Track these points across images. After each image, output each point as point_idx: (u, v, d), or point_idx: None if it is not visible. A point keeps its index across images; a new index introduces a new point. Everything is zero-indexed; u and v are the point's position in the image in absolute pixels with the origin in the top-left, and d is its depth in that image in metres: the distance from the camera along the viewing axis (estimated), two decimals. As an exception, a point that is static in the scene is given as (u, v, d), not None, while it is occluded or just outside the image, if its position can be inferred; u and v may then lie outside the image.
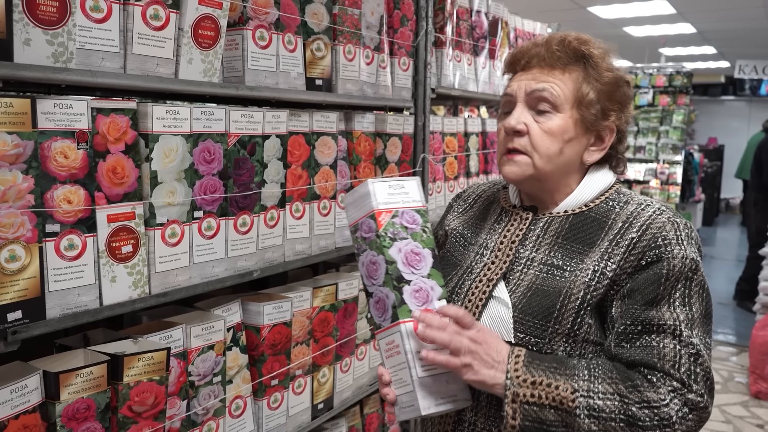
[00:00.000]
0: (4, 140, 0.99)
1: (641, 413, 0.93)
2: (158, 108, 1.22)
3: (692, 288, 1.00)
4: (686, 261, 1.00)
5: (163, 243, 1.26)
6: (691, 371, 0.95)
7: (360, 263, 1.08)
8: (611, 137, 1.10)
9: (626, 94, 1.10)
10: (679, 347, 0.96)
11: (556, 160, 1.08)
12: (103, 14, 1.13)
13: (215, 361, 1.43)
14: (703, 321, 1.00)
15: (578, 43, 1.08)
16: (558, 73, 1.08)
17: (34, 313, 1.05)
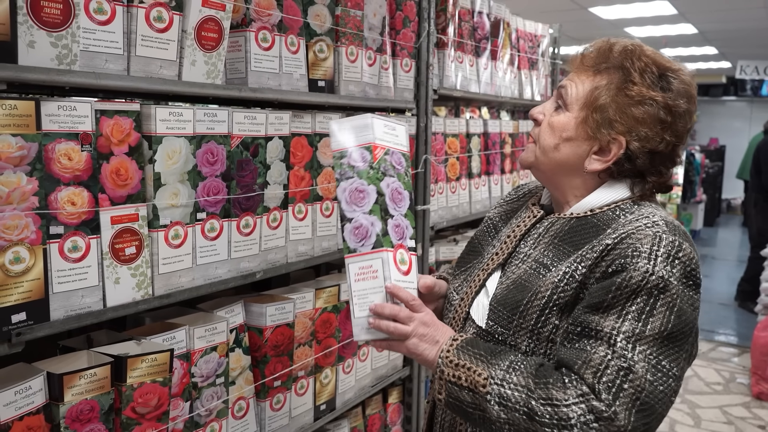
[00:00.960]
0: (8, 142, 0.99)
1: (542, 409, 0.94)
2: (161, 110, 1.22)
3: (655, 306, 0.94)
4: (650, 277, 0.95)
5: (167, 244, 1.27)
6: (613, 384, 0.92)
7: (341, 188, 1.11)
8: (617, 152, 1.05)
9: (650, 114, 1.02)
10: (610, 357, 0.93)
11: (551, 153, 1.10)
12: (107, 16, 1.13)
13: (218, 362, 1.43)
14: (659, 342, 0.93)
15: (621, 51, 1.05)
16: (588, 75, 1.08)
17: (38, 315, 1.05)
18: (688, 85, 1.05)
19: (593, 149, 1.07)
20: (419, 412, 2.26)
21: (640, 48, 1.06)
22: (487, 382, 0.98)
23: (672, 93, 1.03)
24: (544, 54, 3.26)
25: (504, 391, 0.97)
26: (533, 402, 0.95)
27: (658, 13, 6.55)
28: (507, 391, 0.97)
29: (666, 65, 1.06)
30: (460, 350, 1.04)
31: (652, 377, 0.92)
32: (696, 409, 3.62)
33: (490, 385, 0.98)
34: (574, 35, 7.57)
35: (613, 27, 7.40)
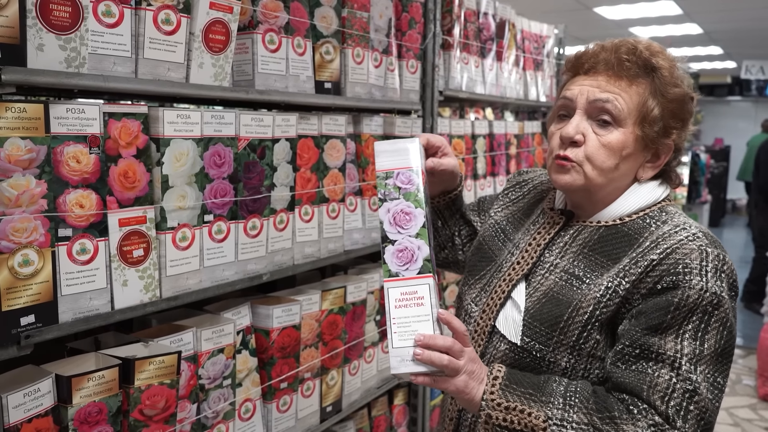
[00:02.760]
0: (17, 145, 1.00)
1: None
2: (169, 112, 1.22)
3: (710, 323, 0.94)
4: (705, 294, 0.94)
5: (174, 247, 1.27)
6: (681, 407, 0.91)
7: (384, 209, 1.08)
8: (668, 155, 1.05)
9: (690, 111, 1.04)
10: (675, 380, 0.92)
11: (610, 174, 1.04)
12: (115, 19, 1.13)
13: (225, 364, 1.43)
14: (715, 359, 0.93)
15: (649, 53, 1.02)
16: (624, 84, 1.02)
17: (46, 318, 1.06)
18: (685, 69, 1.07)
19: (646, 159, 1.06)
20: (425, 413, 2.25)
21: (650, 45, 1.04)
22: (546, 425, 0.94)
23: (684, 81, 1.04)
24: (549, 54, 3.25)
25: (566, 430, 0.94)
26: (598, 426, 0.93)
27: (663, 13, 6.54)
28: (569, 428, 0.94)
29: (672, 56, 1.05)
30: (506, 390, 0.98)
31: (711, 396, 0.93)
32: (702, 410, 3.62)
33: (551, 427, 0.94)
34: (578, 35, 7.55)
35: (617, 27, 7.38)
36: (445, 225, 1.38)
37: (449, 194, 1.34)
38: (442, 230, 1.39)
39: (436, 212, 1.36)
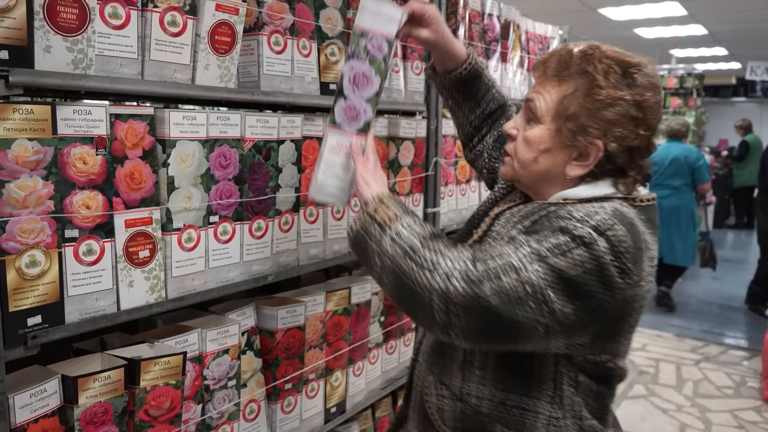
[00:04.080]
0: (25, 147, 1.00)
1: (423, 251, 1.00)
2: (175, 114, 1.23)
3: (572, 252, 0.94)
4: (578, 225, 0.95)
5: (180, 248, 1.27)
6: (495, 269, 0.95)
7: (348, 66, 1.19)
8: (596, 155, 1.05)
9: (622, 114, 1.02)
10: (508, 254, 0.97)
11: (531, 167, 1.11)
12: (122, 20, 1.14)
13: (230, 365, 1.43)
14: (557, 277, 0.93)
15: (581, 57, 1.06)
16: (552, 85, 1.08)
17: (53, 318, 1.06)
18: (651, 76, 1.06)
19: (572, 156, 1.07)
20: (429, 414, 2.25)
21: (599, 49, 1.06)
22: (393, 221, 1.06)
23: (639, 88, 1.04)
24: (554, 56, 3.24)
25: (402, 230, 1.05)
26: (419, 243, 1.02)
27: (668, 14, 6.53)
28: (404, 231, 1.04)
29: (628, 62, 1.06)
30: (397, 200, 1.12)
31: (531, 292, 0.93)
32: (707, 413, 3.60)
33: (395, 222, 1.06)
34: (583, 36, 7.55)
35: (622, 28, 7.37)
36: (458, 108, 1.46)
37: (451, 73, 1.38)
38: (456, 111, 1.48)
39: (443, 89, 1.44)
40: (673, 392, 3.89)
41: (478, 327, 0.95)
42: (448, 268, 0.97)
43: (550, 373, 1.05)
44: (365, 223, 1.09)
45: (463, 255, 0.99)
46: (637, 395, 3.83)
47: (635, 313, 1.03)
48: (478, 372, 1.09)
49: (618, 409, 3.61)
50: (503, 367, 1.08)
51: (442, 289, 0.95)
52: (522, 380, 1.07)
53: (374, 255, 1.06)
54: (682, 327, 5.22)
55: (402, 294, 1.01)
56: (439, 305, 0.96)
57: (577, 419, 1.06)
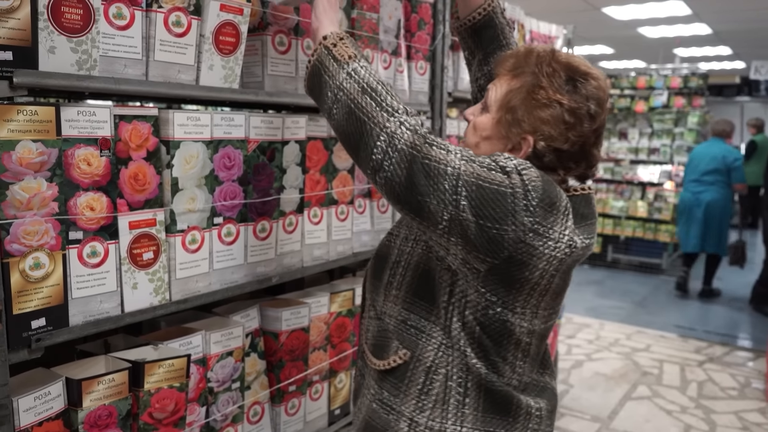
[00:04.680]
0: (29, 148, 0.99)
1: (381, 90, 1.05)
2: (179, 114, 1.22)
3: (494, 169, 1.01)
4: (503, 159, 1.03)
5: (184, 249, 1.26)
6: (433, 136, 1.03)
7: None
8: (526, 149, 1.10)
9: (554, 116, 1.08)
10: (452, 144, 1.03)
11: (474, 151, 1.15)
12: (126, 21, 1.13)
13: (234, 367, 1.42)
14: (473, 175, 0.99)
15: (535, 58, 1.12)
16: (507, 79, 1.14)
17: (57, 321, 1.05)
18: (597, 89, 1.10)
19: (507, 147, 1.13)
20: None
21: (553, 54, 1.12)
22: (352, 59, 1.08)
23: (578, 96, 1.08)
24: (558, 55, 3.23)
25: (360, 69, 1.07)
26: (380, 87, 1.05)
27: (672, 13, 6.50)
28: (362, 70, 1.07)
29: (576, 70, 1.10)
30: (356, 45, 1.13)
31: (450, 174, 0.99)
32: (711, 414, 3.59)
33: (353, 61, 1.08)
34: (586, 35, 7.53)
35: (625, 27, 7.35)
36: (471, 60, 1.45)
37: (465, 18, 1.39)
38: (469, 64, 1.47)
39: (460, 38, 1.45)
40: (677, 393, 3.88)
41: (401, 179, 1.00)
42: (404, 117, 1.03)
43: (443, 302, 1.11)
44: (321, 56, 1.11)
45: (418, 117, 1.05)
46: (641, 396, 3.82)
47: (537, 272, 1.04)
48: (394, 291, 1.17)
49: (622, 410, 3.60)
50: (413, 290, 1.15)
51: (392, 131, 1.01)
52: (424, 303, 1.14)
53: (327, 88, 1.09)
54: (685, 328, 5.21)
55: (351, 128, 1.05)
56: (382, 145, 1.01)
57: (462, 354, 1.10)
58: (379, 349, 1.20)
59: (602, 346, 4.70)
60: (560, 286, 1.12)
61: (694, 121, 6.95)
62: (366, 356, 1.24)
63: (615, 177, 7.26)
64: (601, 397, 3.77)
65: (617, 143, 7.24)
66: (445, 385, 1.11)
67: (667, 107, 7.04)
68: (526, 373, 1.15)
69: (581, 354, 4.50)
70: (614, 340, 4.82)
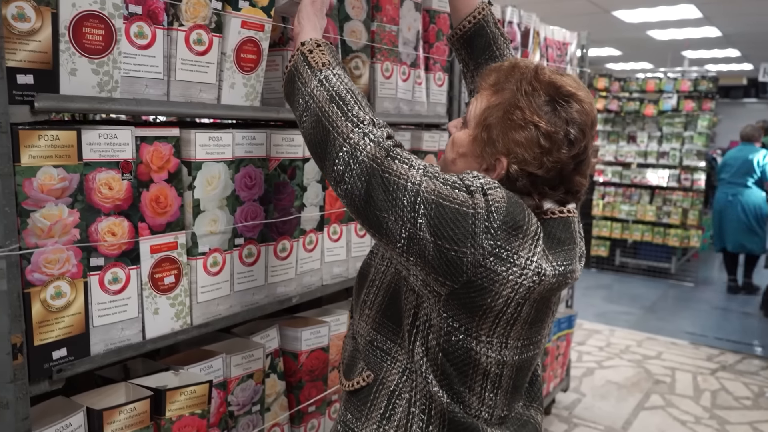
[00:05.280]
0: (50, 174, 0.96)
1: (350, 99, 1.01)
2: (201, 135, 1.19)
3: (457, 188, 0.94)
4: (470, 177, 0.96)
5: (205, 272, 1.23)
6: (398, 150, 0.97)
7: None
8: (500, 171, 1.02)
9: (529, 139, 0.99)
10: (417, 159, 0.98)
11: (449, 167, 1.11)
12: (147, 40, 1.10)
13: (254, 389, 1.39)
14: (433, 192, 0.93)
15: (518, 74, 1.04)
16: (488, 94, 1.08)
17: (78, 350, 1.02)
18: (580, 113, 1.01)
19: (482, 166, 1.06)
20: None
21: (536, 72, 1.03)
22: (326, 66, 1.05)
23: (557, 119, 1.00)
24: (572, 61, 3.20)
25: (331, 77, 1.04)
26: (349, 96, 1.01)
27: (683, 16, 6.45)
28: (334, 78, 1.04)
29: (559, 91, 1.01)
30: (334, 51, 1.10)
31: (410, 189, 0.93)
32: (725, 425, 3.54)
33: (326, 68, 1.05)
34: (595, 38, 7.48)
35: (635, 30, 7.29)
36: (465, 72, 1.38)
37: (457, 26, 1.34)
38: (465, 77, 1.39)
39: (454, 50, 1.38)
40: (690, 403, 3.83)
41: (361, 193, 0.95)
42: (369, 129, 0.98)
43: (408, 325, 1.04)
44: (297, 62, 1.08)
45: (385, 129, 1.01)
46: (654, 406, 3.77)
47: (501, 300, 0.94)
48: (367, 311, 1.12)
49: (636, 420, 3.55)
50: (382, 310, 1.09)
51: (355, 142, 0.97)
52: (391, 325, 1.08)
53: (299, 95, 1.06)
54: (696, 335, 5.15)
55: (317, 137, 1.01)
56: (344, 156, 0.97)
57: (425, 381, 1.03)
58: (348, 369, 1.15)
59: (613, 353, 4.65)
60: (533, 316, 1.01)
61: (704, 124, 6.89)
62: (340, 378, 1.19)
63: (623, 180, 7.21)
64: (614, 407, 3.73)
65: (626, 147, 7.19)
66: (408, 411, 1.04)
67: (677, 111, 6.99)
68: (498, 405, 1.05)
69: (592, 361, 4.45)
70: (625, 347, 4.78)
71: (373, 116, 1.02)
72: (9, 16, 0.90)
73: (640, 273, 7.20)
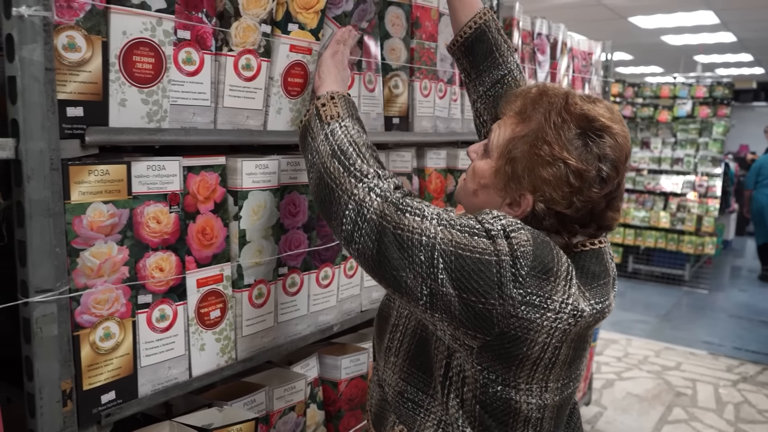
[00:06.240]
0: (100, 210, 0.92)
1: (354, 154, 0.95)
2: (248, 163, 1.14)
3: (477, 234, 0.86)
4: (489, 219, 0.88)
5: (251, 305, 1.19)
6: (412, 198, 0.92)
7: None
8: (525, 208, 0.95)
9: (557, 177, 0.91)
10: (430, 206, 0.91)
11: (470, 198, 1.04)
12: (195, 66, 1.05)
13: (296, 422, 1.35)
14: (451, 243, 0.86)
15: (547, 103, 0.96)
16: (513, 121, 0.99)
17: (126, 393, 0.98)
18: (613, 148, 0.92)
19: (505, 201, 0.98)
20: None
21: (566, 101, 0.94)
22: (334, 119, 1.01)
23: (588, 155, 0.91)
24: (596, 70, 3.15)
25: (337, 130, 0.99)
26: (351, 148, 0.96)
27: (699, 22, 6.39)
28: (339, 131, 0.99)
29: (592, 123, 0.93)
30: (348, 102, 1.06)
31: (425, 244, 0.85)
32: (751, 439, 3.49)
33: (335, 121, 1.01)
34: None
35: (650, 35, 7.24)
36: (467, 84, 1.32)
37: (457, 35, 1.28)
38: (468, 91, 1.33)
39: (456, 61, 1.32)
40: (714, 417, 3.77)
41: (373, 252, 0.88)
42: (374, 183, 0.92)
43: (440, 376, 0.96)
44: (311, 117, 1.05)
45: (391, 179, 0.94)
46: (678, 420, 3.71)
47: (537, 347, 0.88)
48: (393, 358, 1.04)
49: (660, 436, 3.49)
50: (410, 359, 1.01)
51: (360, 198, 0.90)
52: (421, 375, 0.99)
53: (308, 151, 1.02)
54: (714, 344, 5.09)
55: (322, 194, 0.95)
56: (351, 214, 0.90)
57: None
58: (377, 420, 1.07)
59: (632, 363, 4.59)
60: (571, 356, 0.95)
61: (719, 131, 6.83)
62: (368, 424, 1.12)
63: (637, 186, 7.15)
64: (636, 421, 3.67)
65: (639, 153, 7.13)
66: None
67: (692, 117, 6.93)
68: None
69: (611, 372, 4.40)
70: (643, 358, 4.72)
71: (379, 168, 0.95)
72: (60, 47, 0.85)
73: (653, 280, 7.14)
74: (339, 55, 1.16)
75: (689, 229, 6.75)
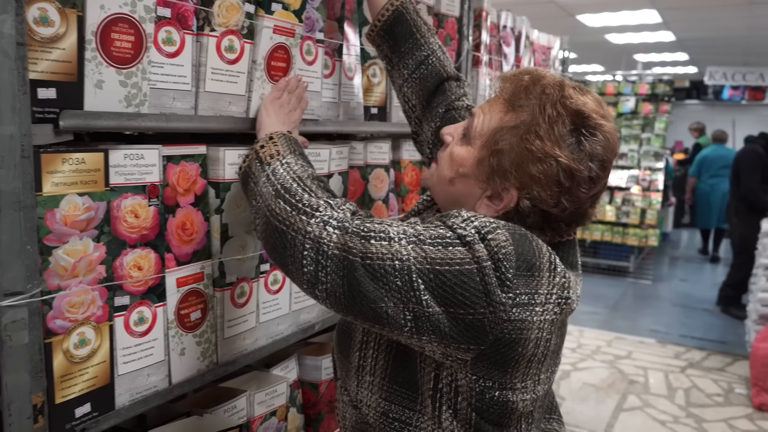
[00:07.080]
0: (74, 204, 0.83)
1: (299, 191, 0.88)
2: (231, 152, 1.06)
3: (451, 245, 0.81)
4: (460, 224, 0.82)
5: (232, 304, 1.11)
6: (372, 225, 0.83)
7: None
8: (507, 203, 0.90)
9: (547, 174, 0.86)
10: (393, 224, 0.84)
11: (445, 186, 0.98)
12: (176, 47, 0.97)
13: (277, 427, 1.28)
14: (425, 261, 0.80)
15: (539, 92, 0.89)
16: (501, 108, 0.92)
17: (103, 405, 0.89)
18: (604, 148, 0.88)
19: (486, 193, 0.93)
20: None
21: (562, 93, 0.88)
22: (274, 158, 0.95)
23: (581, 154, 0.87)
24: (554, 65, 3.18)
25: (278, 168, 0.93)
26: (295, 185, 0.89)
27: (642, 21, 6.59)
28: (280, 169, 0.93)
29: (586, 120, 0.88)
30: (289, 140, 1.00)
31: (399, 269, 0.79)
32: (702, 423, 3.61)
33: (275, 159, 0.94)
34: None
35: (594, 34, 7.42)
36: (392, 75, 1.27)
37: (374, 22, 1.24)
38: (394, 85, 1.28)
39: (378, 51, 1.27)
40: (666, 402, 3.89)
41: (344, 289, 0.81)
42: (327, 215, 0.84)
43: (429, 390, 0.90)
44: (251, 161, 0.98)
45: (345, 206, 0.87)
46: (633, 407, 3.82)
47: (531, 344, 0.85)
48: (368, 378, 0.96)
49: (617, 423, 3.58)
50: (390, 376, 0.93)
51: (317, 235, 0.82)
52: (406, 392, 0.92)
53: (251, 196, 0.95)
54: (661, 332, 5.27)
55: (272, 239, 0.87)
56: (310, 254, 0.82)
57: None
58: None
59: (585, 354, 4.69)
60: (557, 344, 0.93)
61: (661, 127, 7.08)
62: None
63: (583, 181, 7.35)
64: (594, 410, 3.75)
65: (585, 148, 7.34)
66: None
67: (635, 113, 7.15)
68: None
69: (567, 364, 4.48)
70: (596, 348, 4.83)
71: (329, 197, 0.88)
72: (31, 20, 0.76)
73: (600, 272, 7.34)
74: (283, 101, 1.10)
75: (633, 222, 6.98)
